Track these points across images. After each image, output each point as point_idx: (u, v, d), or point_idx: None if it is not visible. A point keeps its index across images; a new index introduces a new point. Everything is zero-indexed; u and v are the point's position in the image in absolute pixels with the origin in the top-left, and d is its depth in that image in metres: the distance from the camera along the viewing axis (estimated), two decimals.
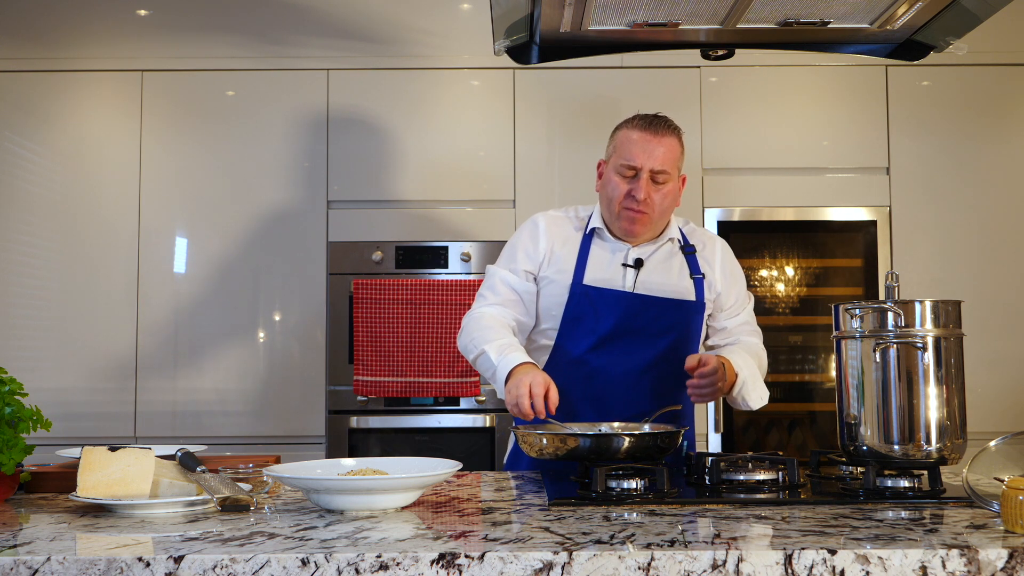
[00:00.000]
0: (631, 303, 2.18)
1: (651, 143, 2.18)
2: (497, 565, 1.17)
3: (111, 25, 3.61)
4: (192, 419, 3.52)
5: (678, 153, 2.22)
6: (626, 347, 2.18)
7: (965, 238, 3.55)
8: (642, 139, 2.19)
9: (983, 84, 3.59)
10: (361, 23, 3.61)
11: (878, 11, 2.01)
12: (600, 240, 2.27)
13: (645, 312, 2.18)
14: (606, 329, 2.17)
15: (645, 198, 2.16)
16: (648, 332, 2.18)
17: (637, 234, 2.22)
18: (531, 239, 2.28)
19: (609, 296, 2.18)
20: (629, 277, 2.22)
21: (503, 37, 2.17)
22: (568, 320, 2.20)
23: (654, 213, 2.19)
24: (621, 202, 2.19)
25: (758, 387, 2.20)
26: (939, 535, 1.29)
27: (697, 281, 2.25)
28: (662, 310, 2.19)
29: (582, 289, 2.20)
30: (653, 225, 2.23)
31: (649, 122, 2.22)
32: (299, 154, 3.58)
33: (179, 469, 1.68)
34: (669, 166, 2.18)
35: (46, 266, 3.55)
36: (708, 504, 1.57)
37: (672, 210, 2.26)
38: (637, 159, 2.17)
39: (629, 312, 2.18)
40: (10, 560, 1.19)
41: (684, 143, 2.27)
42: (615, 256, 2.24)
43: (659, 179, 2.17)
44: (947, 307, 1.72)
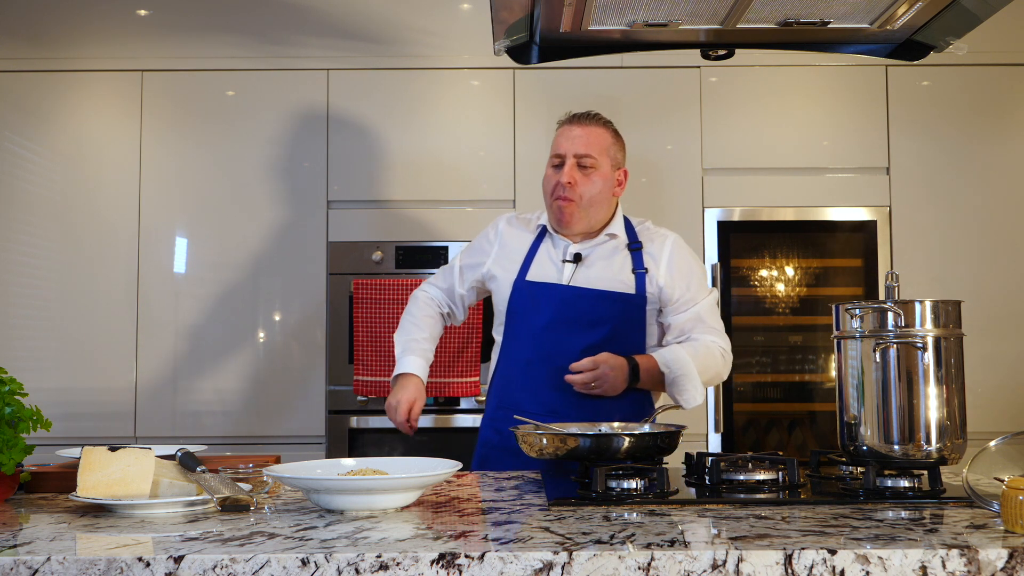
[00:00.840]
0: (565, 295, 2.28)
1: (574, 130, 2.33)
2: (497, 565, 1.17)
3: (111, 25, 3.61)
4: (192, 419, 3.52)
5: (606, 141, 2.34)
6: (562, 337, 2.27)
7: (965, 238, 3.55)
8: (566, 129, 2.35)
9: (983, 84, 3.59)
10: (361, 23, 3.61)
11: (878, 11, 2.01)
12: (549, 239, 2.39)
13: (579, 303, 2.27)
14: (543, 321, 2.28)
15: (569, 181, 2.27)
16: (583, 323, 2.27)
17: (567, 223, 2.32)
18: (486, 240, 2.46)
19: (546, 289, 2.30)
20: (567, 271, 2.32)
21: (503, 37, 2.17)
22: (510, 314, 2.34)
23: (582, 200, 2.29)
24: (552, 193, 2.32)
25: (690, 387, 2.23)
26: (939, 535, 1.29)
27: (639, 275, 2.31)
28: (597, 301, 2.27)
29: (523, 284, 2.32)
30: (584, 214, 2.31)
31: (574, 115, 2.38)
32: (299, 154, 3.58)
33: (179, 469, 1.68)
34: (594, 151, 2.31)
35: (46, 266, 3.55)
36: (708, 504, 1.57)
37: (606, 201, 2.34)
38: (561, 147, 2.33)
39: (564, 304, 2.28)
40: (10, 560, 1.19)
41: (620, 136, 2.39)
42: (558, 253, 2.36)
43: (585, 163, 2.30)
44: (947, 307, 1.72)
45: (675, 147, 3.58)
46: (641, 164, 3.57)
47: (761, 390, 3.54)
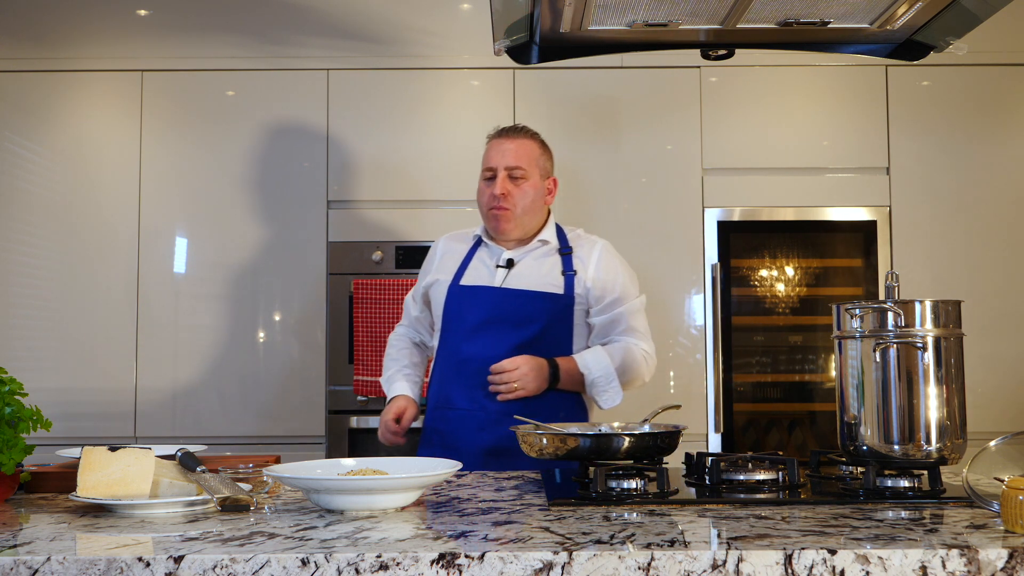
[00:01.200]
0: (496, 296, 2.39)
1: (503, 144, 2.45)
2: (497, 565, 1.17)
3: (111, 25, 3.61)
4: (192, 419, 3.52)
5: (535, 152, 2.47)
6: (493, 336, 2.36)
7: (965, 238, 3.55)
8: (496, 143, 2.47)
9: (983, 84, 3.59)
10: (361, 23, 3.61)
11: (878, 11, 2.01)
12: (484, 248, 2.50)
13: (509, 303, 2.38)
14: (474, 321, 2.38)
15: (503, 192, 2.39)
16: (512, 321, 2.37)
17: (504, 231, 2.44)
18: (429, 259, 2.59)
19: (479, 292, 2.41)
20: (500, 275, 2.43)
21: (503, 37, 2.17)
22: (446, 317, 2.44)
23: (516, 209, 2.42)
24: (486, 203, 2.44)
25: (610, 388, 2.38)
26: (939, 535, 1.29)
27: (568, 277, 2.42)
28: (527, 301, 2.38)
29: (457, 289, 2.43)
30: (519, 222, 2.44)
31: (503, 129, 2.50)
32: (299, 154, 3.58)
33: (179, 469, 1.68)
34: (524, 163, 2.43)
35: (46, 266, 3.55)
36: (708, 504, 1.57)
37: (538, 209, 2.47)
38: (492, 160, 2.44)
39: (494, 304, 2.38)
40: (10, 560, 1.19)
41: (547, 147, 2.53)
42: (492, 259, 2.47)
43: (516, 174, 2.42)
44: (947, 307, 1.72)
45: (675, 147, 3.58)
46: (641, 164, 3.57)
47: (761, 390, 3.54)
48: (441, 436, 2.39)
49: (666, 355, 3.52)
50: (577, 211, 3.55)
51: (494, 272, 2.44)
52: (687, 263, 3.54)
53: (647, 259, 3.54)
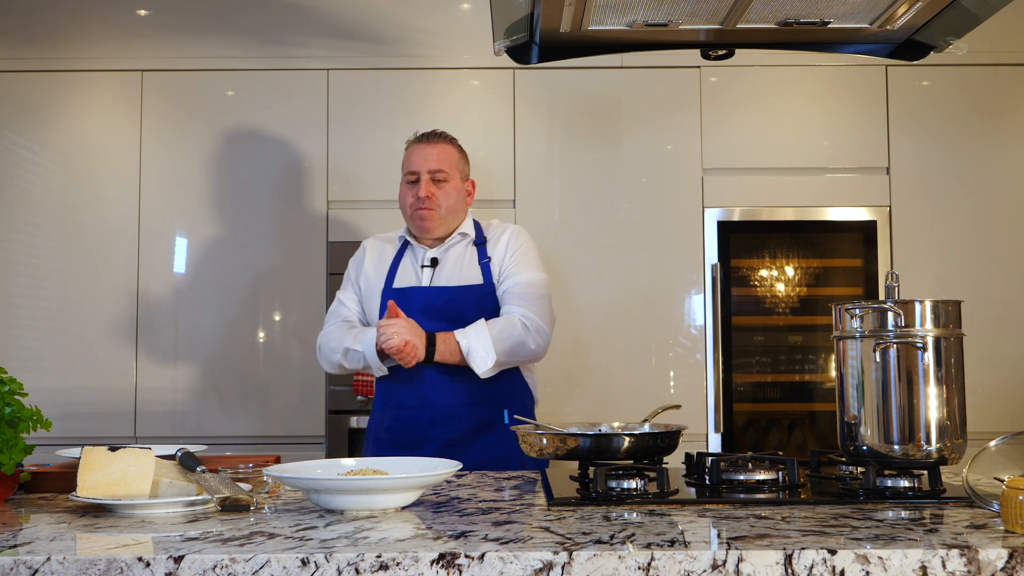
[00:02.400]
0: (426, 295, 2.49)
1: (424, 149, 2.55)
2: (497, 565, 1.17)
3: (111, 25, 3.61)
4: (192, 419, 3.52)
5: (454, 156, 2.57)
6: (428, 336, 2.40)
7: (965, 238, 3.55)
8: (417, 148, 2.56)
9: (983, 84, 3.59)
10: (361, 23, 3.61)
11: (878, 11, 2.01)
12: (409, 250, 2.59)
13: (438, 300, 2.48)
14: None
15: (427, 195, 2.49)
16: (445, 317, 2.46)
17: (429, 230, 2.53)
18: (356, 262, 2.65)
19: (410, 293, 2.50)
20: (427, 275, 2.54)
21: (503, 37, 2.17)
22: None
23: (440, 209, 2.52)
24: (411, 205, 2.52)
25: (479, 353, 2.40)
26: (939, 535, 1.29)
27: (484, 265, 2.54)
28: (454, 295, 2.48)
29: (389, 292, 2.52)
30: (443, 221, 2.54)
31: (423, 135, 2.59)
32: (299, 154, 3.58)
33: (179, 469, 1.68)
34: (445, 166, 2.53)
35: (46, 266, 3.55)
36: (708, 504, 1.57)
37: (460, 209, 2.57)
38: (415, 164, 2.53)
39: (426, 303, 2.47)
40: (10, 560, 1.19)
41: (464, 152, 2.61)
42: (418, 260, 2.57)
43: (438, 177, 2.52)
44: (947, 307, 1.72)
45: (675, 147, 3.58)
46: (641, 164, 3.57)
47: (761, 390, 3.54)
48: (393, 435, 2.47)
49: (666, 355, 3.52)
50: (577, 211, 3.55)
51: (420, 272, 2.55)
52: (687, 263, 3.54)
53: (647, 259, 3.54)
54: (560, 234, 3.53)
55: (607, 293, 3.53)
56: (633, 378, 3.50)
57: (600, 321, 3.52)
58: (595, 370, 3.51)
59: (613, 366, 3.50)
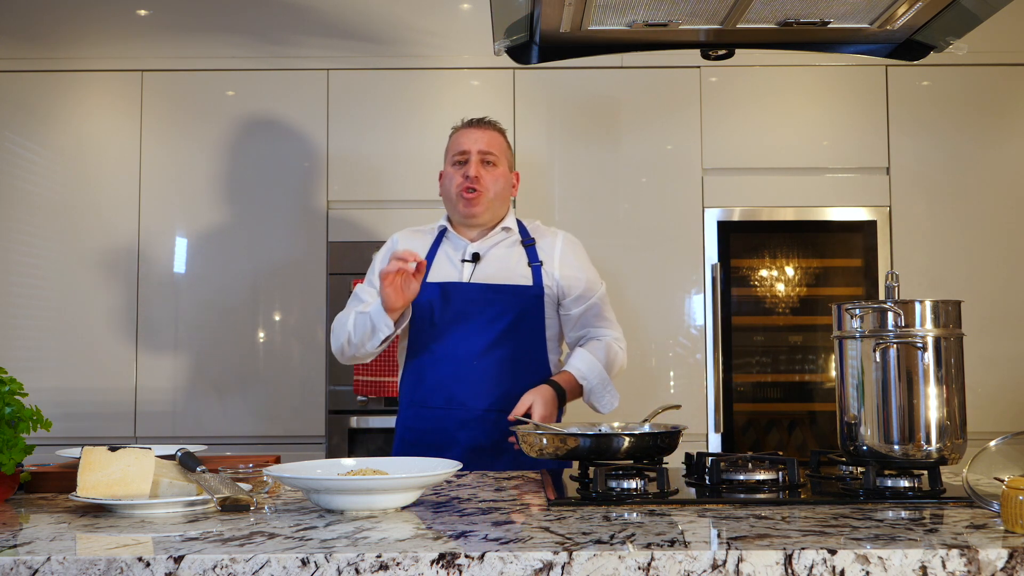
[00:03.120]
0: (466, 291, 2.37)
1: (475, 132, 2.46)
2: (497, 565, 1.17)
3: (111, 25, 3.61)
4: (192, 419, 3.52)
5: (503, 144, 2.50)
6: (465, 332, 2.35)
7: (965, 238, 3.55)
8: (466, 131, 2.48)
9: (983, 84, 3.59)
10: (361, 23, 3.61)
11: (878, 11, 2.01)
12: (447, 241, 2.48)
13: (480, 298, 2.36)
14: (444, 319, 2.36)
15: (476, 175, 2.39)
16: (485, 316, 2.36)
17: (476, 214, 2.42)
18: (386, 253, 2.50)
19: (449, 288, 2.38)
20: (467, 270, 2.42)
21: (503, 37, 2.17)
22: (416, 316, 2.40)
23: (488, 192, 2.42)
24: (458, 186, 2.42)
25: (608, 392, 2.39)
26: (939, 535, 1.29)
27: (535, 268, 2.42)
28: (496, 295, 2.37)
29: (425, 286, 2.38)
30: (489, 207, 2.43)
31: (472, 120, 2.51)
32: (299, 154, 3.58)
33: (179, 469, 1.68)
34: (495, 149, 2.45)
35: (46, 266, 3.55)
36: (708, 504, 1.57)
37: (506, 198, 2.49)
38: (465, 144, 2.44)
39: (465, 300, 2.37)
40: (10, 560, 1.19)
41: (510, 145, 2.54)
42: (457, 254, 2.45)
43: (488, 159, 2.43)
44: (947, 307, 1.72)
45: (675, 147, 3.58)
46: (641, 164, 3.57)
47: (761, 390, 3.54)
48: (418, 435, 2.37)
49: (666, 355, 3.52)
50: (577, 211, 3.55)
51: (460, 267, 2.42)
52: (687, 263, 3.54)
53: (647, 259, 3.54)
54: None
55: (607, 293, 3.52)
56: (633, 378, 3.50)
57: None
58: None
59: None
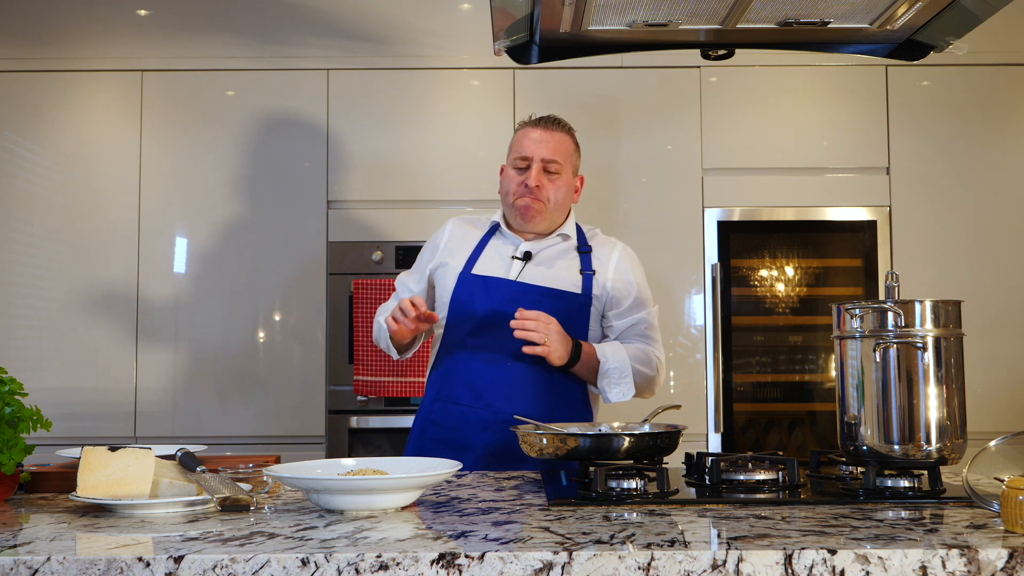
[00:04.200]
0: (510, 290, 2.27)
1: (542, 135, 2.32)
2: (497, 565, 1.17)
3: (111, 25, 3.61)
4: (192, 419, 3.52)
5: (570, 148, 2.36)
6: (503, 333, 2.21)
7: (965, 238, 3.56)
8: (532, 132, 2.34)
9: (983, 84, 3.59)
10: (361, 23, 3.61)
11: (878, 11, 2.01)
12: (500, 236, 2.38)
13: (523, 299, 2.24)
14: (483, 314, 2.26)
15: (537, 185, 2.28)
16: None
17: (532, 223, 2.32)
18: (435, 241, 2.43)
19: (492, 283, 2.28)
20: (516, 268, 2.32)
21: (503, 37, 2.17)
22: (453, 306, 2.30)
23: (548, 203, 2.31)
24: (515, 192, 2.31)
25: (623, 383, 2.26)
26: (939, 535, 1.29)
27: (586, 276, 2.33)
28: (542, 298, 2.26)
29: (468, 277, 2.30)
30: (548, 217, 2.33)
31: (541, 119, 2.37)
32: (299, 154, 3.58)
33: (179, 469, 1.68)
34: (560, 157, 2.31)
35: (46, 266, 3.55)
36: (708, 504, 1.57)
37: (567, 205, 2.37)
38: (528, 150, 2.31)
39: (507, 299, 2.25)
40: (10, 560, 1.19)
41: (579, 145, 2.40)
42: (508, 249, 2.35)
43: (551, 168, 2.31)
44: (947, 307, 1.72)
45: (675, 147, 3.58)
46: (641, 164, 3.57)
47: (761, 390, 3.54)
48: (441, 430, 2.28)
49: (666, 355, 3.51)
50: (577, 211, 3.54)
51: (509, 263, 2.33)
52: (687, 263, 3.54)
53: (647, 259, 3.52)
54: None
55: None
56: None
57: None
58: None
59: None
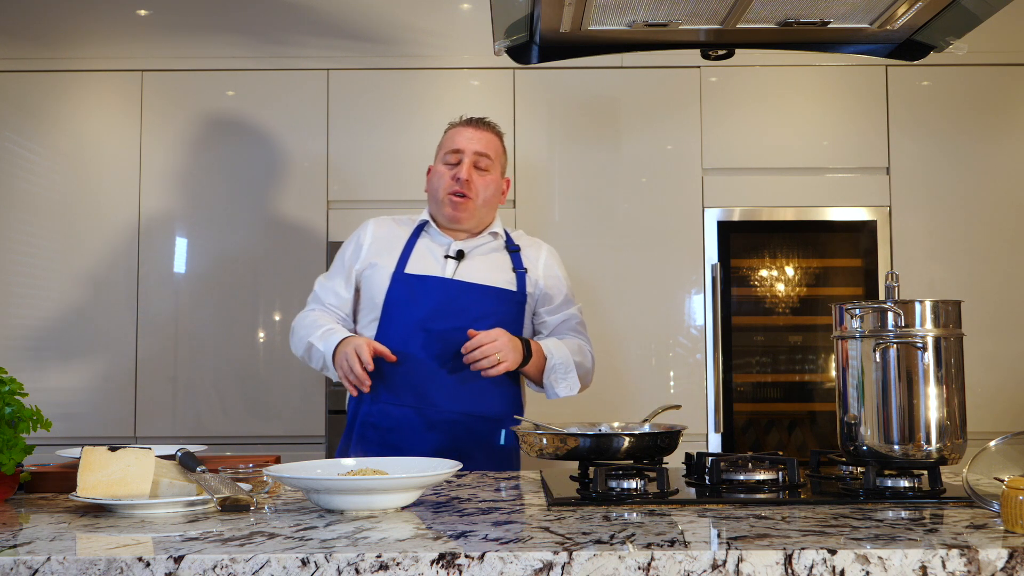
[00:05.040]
0: (448, 289, 2.29)
1: (474, 133, 2.38)
2: (497, 565, 1.17)
3: (111, 25, 3.61)
4: (192, 419, 3.52)
5: (500, 148, 2.42)
6: (443, 333, 2.25)
7: (965, 238, 3.55)
8: (463, 130, 2.40)
9: (983, 84, 3.59)
10: (361, 23, 3.61)
11: (878, 11, 2.01)
12: (427, 235, 2.40)
13: (462, 298, 2.28)
14: (423, 314, 2.27)
15: (468, 179, 2.32)
16: (465, 317, 2.26)
17: (461, 220, 2.35)
18: (357, 240, 2.43)
19: (428, 282, 2.29)
20: (450, 267, 2.34)
21: (503, 37, 2.17)
22: (388, 307, 2.30)
23: (477, 199, 2.35)
24: (446, 187, 2.34)
25: (568, 378, 2.33)
26: (939, 535, 1.29)
27: (519, 274, 2.37)
28: (480, 296, 2.29)
29: (403, 277, 2.30)
30: (476, 213, 2.36)
31: (472, 119, 2.43)
32: (299, 154, 3.58)
33: (179, 469, 1.68)
34: (491, 152, 2.37)
35: (46, 266, 3.55)
36: (708, 504, 1.57)
37: (495, 204, 2.42)
38: (460, 143, 2.36)
39: (446, 298, 2.27)
40: (10, 560, 1.19)
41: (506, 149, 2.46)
42: (439, 248, 2.37)
43: (481, 164, 2.35)
44: (947, 307, 1.72)
45: (675, 147, 3.58)
46: (641, 164, 3.57)
47: (761, 390, 3.54)
48: (379, 432, 2.26)
49: (666, 355, 3.52)
50: (577, 211, 3.55)
51: (443, 262, 2.34)
52: (687, 263, 3.54)
53: (647, 259, 3.54)
54: (560, 234, 3.53)
55: (607, 293, 3.53)
56: (633, 378, 3.50)
57: (600, 321, 3.52)
58: (595, 370, 3.50)
59: (613, 366, 3.50)
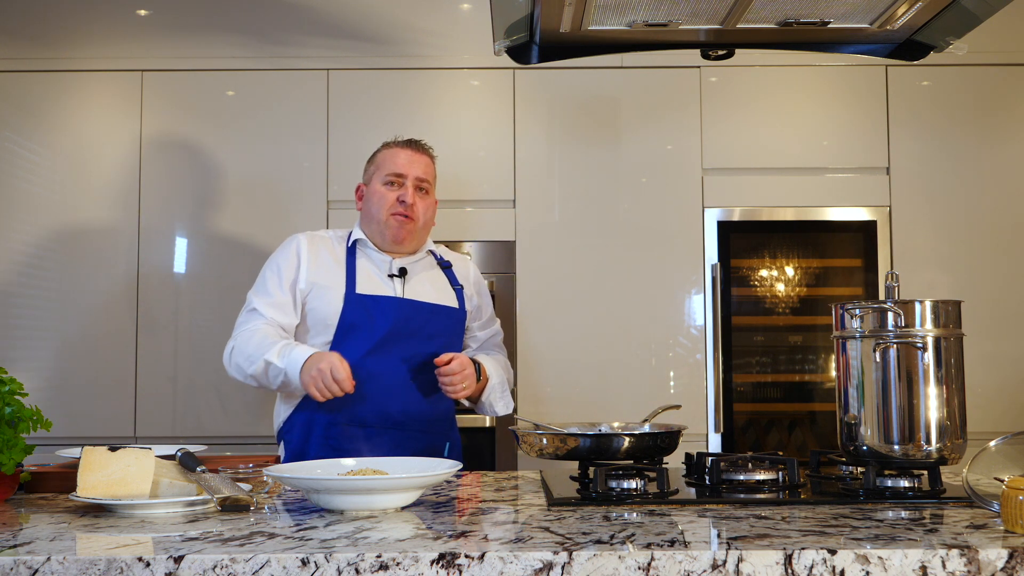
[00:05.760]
0: (403, 308, 2.33)
1: (412, 155, 2.43)
2: (497, 565, 1.17)
3: (111, 25, 3.61)
4: (192, 419, 3.52)
5: (433, 171, 2.49)
6: (400, 351, 2.31)
7: (965, 238, 3.55)
8: (403, 152, 2.44)
9: (983, 84, 3.59)
10: (361, 23, 3.61)
11: (878, 11, 2.01)
12: (364, 253, 2.42)
13: (416, 317, 2.33)
14: (381, 334, 2.29)
15: (412, 203, 2.37)
16: (420, 336, 2.33)
17: (405, 241, 2.40)
18: (294, 258, 2.38)
19: (384, 303, 2.32)
20: (397, 286, 2.38)
21: (503, 37, 2.17)
22: (343, 328, 2.31)
23: (419, 220, 2.40)
24: (389, 208, 2.38)
25: (505, 395, 2.45)
26: (939, 535, 1.29)
27: (458, 291, 2.45)
28: (432, 315, 2.35)
29: (356, 298, 2.31)
30: (419, 234, 2.43)
31: (408, 141, 2.48)
32: (299, 154, 3.58)
33: (179, 469, 1.68)
34: (429, 176, 2.44)
35: (46, 266, 3.55)
36: (708, 504, 1.57)
37: (431, 225, 2.48)
38: (402, 167, 2.41)
39: (401, 317, 2.31)
40: (10, 560, 1.19)
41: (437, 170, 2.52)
42: (380, 267, 2.40)
43: (422, 187, 2.42)
44: (947, 307, 1.72)
45: (675, 147, 3.58)
46: (641, 164, 3.57)
47: (761, 390, 3.54)
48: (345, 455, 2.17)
49: (666, 355, 3.52)
50: (577, 211, 3.55)
51: (389, 282, 2.37)
52: (687, 263, 3.54)
53: (647, 259, 3.54)
54: (560, 234, 3.53)
55: (607, 293, 3.53)
56: (633, 378, 3.50)
57: (600, 321, 3.52)
58: (595, 370, 3.51)
59: (613, 366, 3.50)
